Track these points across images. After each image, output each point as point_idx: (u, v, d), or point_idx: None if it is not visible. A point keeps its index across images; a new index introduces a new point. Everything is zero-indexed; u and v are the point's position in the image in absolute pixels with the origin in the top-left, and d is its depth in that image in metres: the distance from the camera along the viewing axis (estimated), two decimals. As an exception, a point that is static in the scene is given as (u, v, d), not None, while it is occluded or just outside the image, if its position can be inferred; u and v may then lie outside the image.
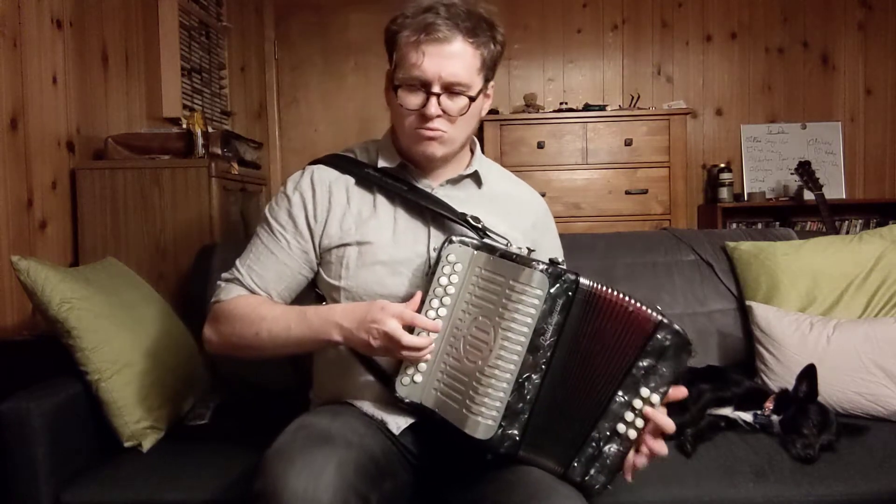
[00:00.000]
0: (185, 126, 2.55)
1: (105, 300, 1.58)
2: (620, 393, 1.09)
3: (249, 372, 1.76)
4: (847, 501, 1.36)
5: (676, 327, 1.08)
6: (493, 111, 3.79)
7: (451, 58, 1.20)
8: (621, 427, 1.09)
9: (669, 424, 1.10)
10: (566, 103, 3.89)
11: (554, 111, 3.76)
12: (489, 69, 1.27)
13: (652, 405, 1.09)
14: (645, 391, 1.08)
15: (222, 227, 2.34)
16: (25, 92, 2.08)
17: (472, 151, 1.39)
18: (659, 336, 1.07)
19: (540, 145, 3.61)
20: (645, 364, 1.08)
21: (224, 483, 1.37)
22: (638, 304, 1.09)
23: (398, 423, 1.23)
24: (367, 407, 1.26)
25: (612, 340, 1.09)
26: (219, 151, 2.44)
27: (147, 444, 1.54)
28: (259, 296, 1.31)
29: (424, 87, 1.22)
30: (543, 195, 1.52)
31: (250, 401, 1.78)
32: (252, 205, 2.72)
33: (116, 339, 1.53)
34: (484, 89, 1.28)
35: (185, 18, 3.33)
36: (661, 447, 1.11)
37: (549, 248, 1.44)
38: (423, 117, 1.23)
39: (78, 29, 2.37)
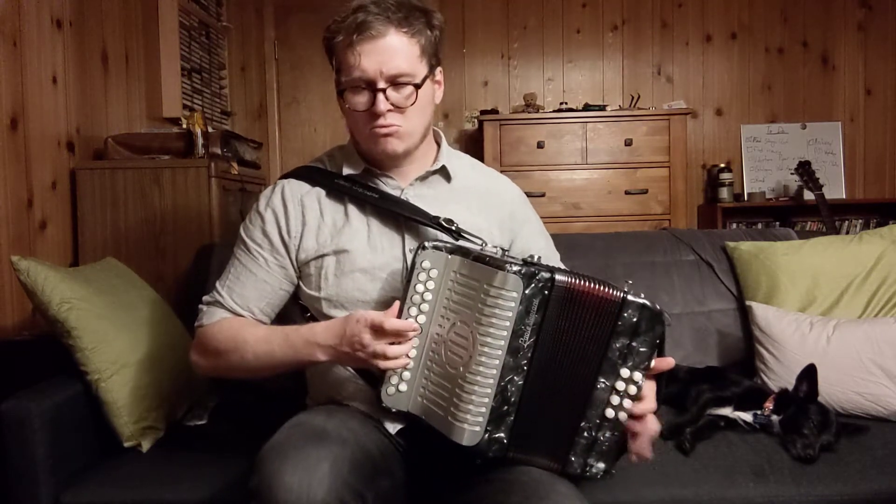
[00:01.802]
0: (185, 126, 2.55)
1: (105, 300, 1.58)
2: (601, 378, 1.09)
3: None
4: (847, 501, 1.36)
5: (642, 301, 1.08)
6: (492, 111, 3.80)
7: (388, 51, 1.20)
8: (610, 412, 1.10)
9: (649, 405, 1.11)
10: (566, 103, 3.89)
11: (554, 111, 3.76)
12: (431, 55, 1.26)
13: (635, 383, 1.09)
14: (625, 371, 1.09)
15: (222, 227, 2.34)
16: (25, 92, 2.08)
17: (439, 145, 1.38)
18: (626, 314, 1.07)
19: (539, 145, 3.61)
20: (619, 345, 1.08)
21: (223, 483, 1.38)
22: (604, 288, 1.08)
23: (395, 424, 1.24)
24: (362, 408, 1.26)
25: (587, 329, 1.09)
26: (219, 151, 2.44)
27: (146, 444, 1.54)
28: (242, 317, 1.31)
29: (369, 85, 1.21)
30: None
31: (248, 402, 1.78)
32: (251, 205, 2.72)
33: (116, 339, 1.53)
34: (430, 76, 1.27)
35: (185, 18, 3.33)
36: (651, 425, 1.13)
37: (530, 235, 1.42)
38: (374, 115, 1.22)
39: (78, 29, 2.37)
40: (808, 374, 1.58)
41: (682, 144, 3.62)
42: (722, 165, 3.96)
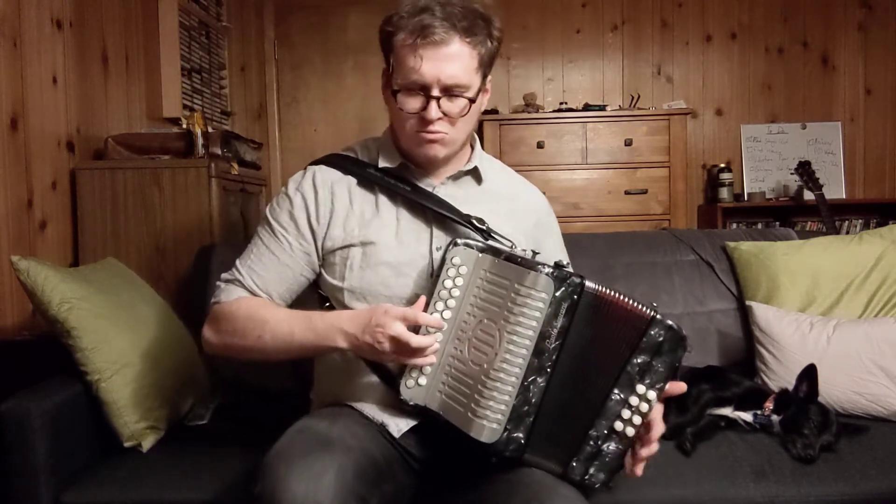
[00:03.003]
0: (185, 126, 2.55)
1: (105, 300, 1.58)
2: (616, 391, 1.09)
3: (249, 373, 1.76)
4: (847, 501, 1.36)
5: (670, 323, 1.08)
6: (492, 111, 3.79)
7: (449, 60, 1.19)
8: (619, 425, 1.10)
9: (659, 430, 1.12)
10: (566, 103, 3.89)
11: (554, 111, 3.76)
12: (487, 66, 1.26)
13: (648, 401, 1.09)
14: (641, 388, 1.09)
15: (222, 228, 2.34)
16: (25, 92, 2.08)
17: (472, 147, 1.39)
18: (652, 332, 1.08)
19: (539, 145, 3.61)
20: (639, 361, 1.08)
21: (224, 483, 1.38)
22: (633, 303, 1.09)
23: (399, 427, 1.23)
24: (368, 409, 1.25)
25: (611, 340, 1.09)
26: (219, 151, 2.44)
27: (147, 445, 1.54)
28: (260, 298, 1.30)
29: (423, 90, 1.20)
30: (543, 195, 1.52)
31: (249, 402, 1.78)
32: (252, 205, 2.72)
33: (116, 339, 1.53)
34: (482, 86, 1.27)
35: (185, 18, 3.33)
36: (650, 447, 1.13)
37: (552, 247, 1.43)
38: (424, 120, 1.22)
39: (78, 29, 2.37)
40: (808, 374, 1.58)
41: (682, 144, 3.62)
42: (722, 165, 3.96)
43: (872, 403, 1.65)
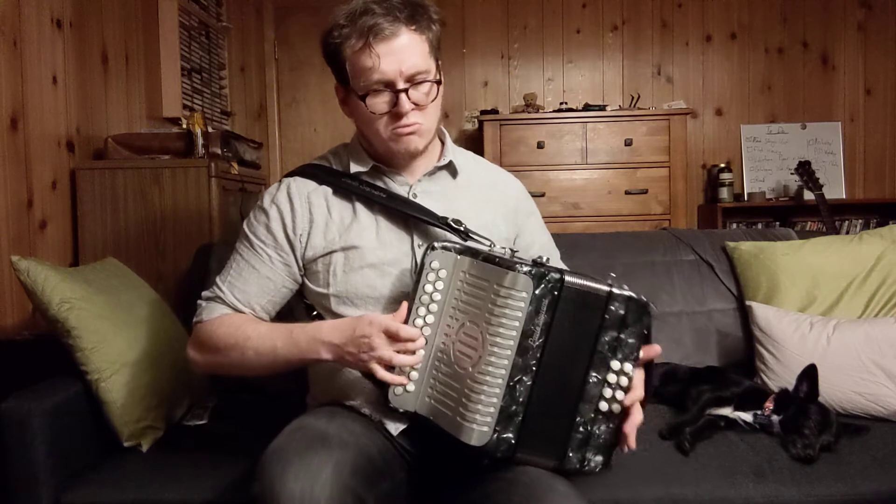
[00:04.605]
0: (185, 126, 2.55)
1: (105, 300, 1.58)
2: (593, 373, 1.09)
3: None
4: (847, 501, 1.35)
5: (627, 294, 1.08)
6: (492, 111, 3.80)
7: (404, 51, 1.20)
8: (604, 405, 1.10)
9: (637, 394, 1.11)
10: (566, 103, 3.89)
11: (554, 111, 3.76)
12: (437, 49, 1.27)
13: (626, 374, 1.09)
14: (616, 364, 1.09)
15: (221, 227, 2.34)
16: (25, 92, 2.08)
17: (443, 142, 1.39)
18: (612, 307, 1.08)
19: (539, 145, 3.61)
20: (608, 338, 1.08)
21: (223, 483, 1.37)
22: (591, 283, 1.08)
23: (396, 425, 1.24)
24: (365, 408, 1.26)
25: (582, 326, 1.09)
26: (218, 151, 2.44)
27: (146, 444, 1.54)
28: (242, 313, 1.30)
29: (389, 86, 1.21)
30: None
31: (248, 402, 1.78)
32: (251, 204, 2.71)
33: (116, 339, 1.53)
34: (438, 70, 1.28)
35: (185, 18, 3.33)
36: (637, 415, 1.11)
37: (534, 230, 1.44)
38: (397, 115, 1.22)
39: (78, 29, 2.37)
40: (809, 374, 1.58)
41: (682, 144, 3.62)
42: (722, 165, 3.97)
43: (872, 403, 1.65)
